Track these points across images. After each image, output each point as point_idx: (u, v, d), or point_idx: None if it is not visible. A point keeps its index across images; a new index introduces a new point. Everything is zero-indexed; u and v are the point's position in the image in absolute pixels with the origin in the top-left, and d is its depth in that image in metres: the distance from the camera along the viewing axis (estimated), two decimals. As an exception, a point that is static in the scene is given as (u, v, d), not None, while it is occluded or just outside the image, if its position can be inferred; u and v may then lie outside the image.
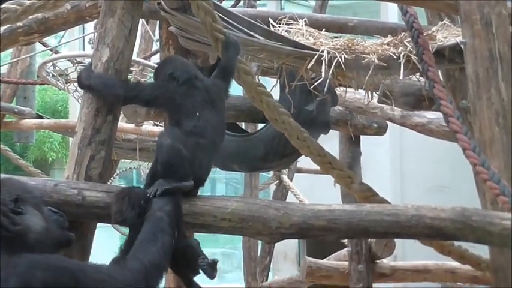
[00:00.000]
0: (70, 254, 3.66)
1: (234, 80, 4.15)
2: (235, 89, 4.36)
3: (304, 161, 9.40)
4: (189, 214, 3.88)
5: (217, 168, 6.77)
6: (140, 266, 3.36)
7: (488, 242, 3.91)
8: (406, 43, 4.76)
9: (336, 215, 3.94)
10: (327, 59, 4.69)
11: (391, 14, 11.05)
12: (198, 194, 4.03)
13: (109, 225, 8.21)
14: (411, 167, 13.06)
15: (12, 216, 3.25)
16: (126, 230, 3.85)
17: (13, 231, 3.23)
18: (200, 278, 4.11)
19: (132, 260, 3.39)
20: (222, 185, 18.06)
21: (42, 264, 3.13)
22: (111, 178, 8.88)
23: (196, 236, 4.60)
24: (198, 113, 3.89)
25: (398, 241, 7.38)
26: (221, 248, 16.89)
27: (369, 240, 7.27)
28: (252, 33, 4.70)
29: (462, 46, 4.29)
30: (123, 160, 9.22)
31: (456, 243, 5.18)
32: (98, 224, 4.18)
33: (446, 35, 4.85)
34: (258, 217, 3.91)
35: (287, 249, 13.20)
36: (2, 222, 3.22)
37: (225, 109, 4.14)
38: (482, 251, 4.80)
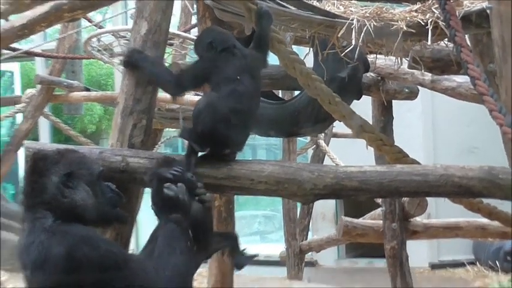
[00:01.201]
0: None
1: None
2: (271, 58, 4.34)
3: (340, 126, 9.42)
4: (227, 178, 3.90)
5: (256, 135, 6.79)
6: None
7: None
8: (434, 9, 4.71)
9: (367, 176, 3.95)
10: (357, 27, 4.66)
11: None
12: (237, 158, 4.03)
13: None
14: (442, 129, 13.01)
15: (62, 189, 3.29)
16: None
17: (61, 203, 3.27)
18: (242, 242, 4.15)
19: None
20: (262, 151, 18.06)
21: (90, 240, 3.19)
22: (156, 146, 8.92)
23: (241, 199, 4.62)
24: (235, 79, 3.88)
25: (430, 200, 7.37)
26: (263, 211, 16.91)
27: (402, 199, 7.27)
28: (283, 3, 4.68)
29: (488, 11, 4.26)
30: (167, 129, 9.25)
31: (485, 200, 5.17)
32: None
33: (473, 0, 4.80)
34: (293, 179, 3.91)
35: (325, 210, 13.24)
36: (53, 193, 3.27)
37: (260, 77, 4.12)
38: (510, 208, 4.79)
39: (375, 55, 5.57)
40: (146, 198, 4.12)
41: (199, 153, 3.92)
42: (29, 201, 3.32)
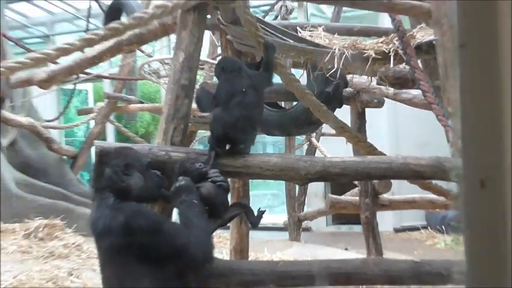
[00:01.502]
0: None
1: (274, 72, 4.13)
2: (275, 79, 4.32)
3: (327, 128, 9.39)
4: (242, 166, 3.89)
5: (265, 135, 6.78)
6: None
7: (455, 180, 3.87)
8: (395, 41, 4.69)
9: (347, 164, 3.93)
10: (338, 55, 4.65)
11: (386, 20, 10.86)
12: (250, 152, 4.02)
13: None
14: (402, 130, 13.00)
15: (121, 176, 3.32)
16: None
17: (121, 186, 3.30)
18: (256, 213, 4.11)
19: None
20: (270, 146, 18.06)
21: (141, 213, 3.24)
22: (192, 144, 8.91)
23: (254, 182, 4.60)
24: (241, 92, 3.86)
25: (394, 182, 7.34)
26: (270, 190, 16.93)
27: (373, 181, 7.24)
28: (285, 38, 4.67)
29: (434, 42, 4.24)
30: (200, 131, 9.25)
31: (434, 182, 5.14)
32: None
33: (423, 34, 4.78)
34: (292, 167, 3.90)
35: (317, 190, 13.22)
36: (113, 179, 3.29)
37: (263, 92, 4.08)
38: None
39: (352, 75, 5.57)
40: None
41: (223, 148, 3.91)
42: (97, 185, 3.36)
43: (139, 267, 3.17)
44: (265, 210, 4.03)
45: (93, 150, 10.65)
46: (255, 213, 4.05)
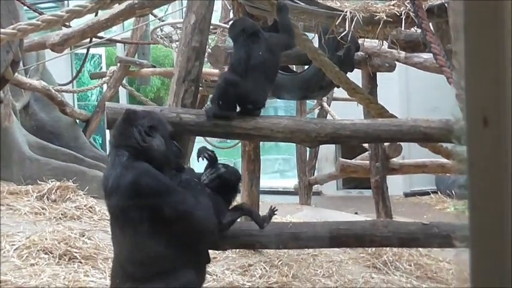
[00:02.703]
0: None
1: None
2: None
3: (338, 92, 9.35)
4: (253, 128, 3.89)
5: (277, 99, 6.76)
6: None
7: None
8: (406, 4, 4.65)
9: (357, 126, 3.92)
10: (349, 18, 4.62)
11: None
12: (261, 114, 4.01)
13: (202, 140, 8.23)
14: (413, 94, 12.93)
15: (144, 136, 3.30)
16: (217, 143, 3.84)
17: (141, 146, 3.29)
18: (266, 178, 4.10)
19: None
20: (281, 111, 18.01)
21: (151, 174, 3.22)
22: (203, 107, 8.89)
23: (266, 146, 4.59)
24: (259, 55, 3.84)
25: (404, 145, 7.33)
26: (282, 155, 16.90)
27: (383, 145, 7.22)
28: (296, 0, 4.64)
29: (446, 5, 4.19)
30: (211, 95, 9.21)
31: (444, 145, 5.12)
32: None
33: (435, -3, 4.73)
34: (302, 129, 3.90)
35: (327, 153, 13.18)
36: (136, 138, 3.28)
37: (278, 53, 4.05)
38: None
39: (363, 38, 5.52)
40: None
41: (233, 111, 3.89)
42: (116, 142, 3.34)
43: (145, 228, 3.17)
44: (277, 209, 3.95)
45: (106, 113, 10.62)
46: (266, 212, 4.00)
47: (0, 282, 3.93)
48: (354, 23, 4.61)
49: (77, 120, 10.63)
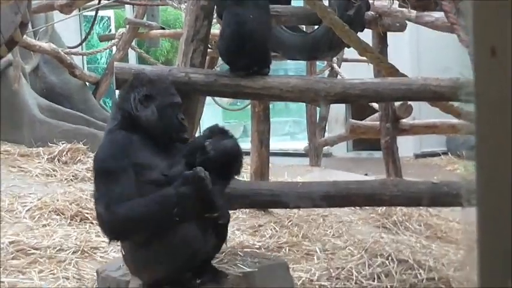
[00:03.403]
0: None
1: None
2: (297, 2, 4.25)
3: (349, 53, 9.28)
4: (262, 88, 3.87)
5: (287, 60, 6.70)
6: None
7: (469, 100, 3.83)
8: (417, -39, 4.58)
9: (367, 85, 3.90)
10: (359, -25, 4.56)
11: None
12: (269, 73, 3.99)
13: (212, 102, 8.18)
14: (424, 54, 12.81)
15: (137, 104, 3.20)
16: (227, 106, 3.79)
17: (132, 114, 3.20)
18: (276, 140, 4.09)
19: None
20: (291, 72, 17.90)
21: (110, 148, 3.12)
22: (213, 70, 8.86)
23: (275, 108, 4.58)
24: (251, 15, 3.82)
25: (414, 106, 7.28)
26: (292, 117, 16.85)
27: (394, 105, 7.19)
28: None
29: (457, -39, 4.12)
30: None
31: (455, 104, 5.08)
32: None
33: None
34: (312, 89, 3.88)
35: (337, 115, 13.14)
36: (130, 105, 3.21)
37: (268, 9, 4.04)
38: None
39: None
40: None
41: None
42: (117, 104, 3.30)
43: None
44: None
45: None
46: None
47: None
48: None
49: (87, 83, 10.63)
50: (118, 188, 2.98)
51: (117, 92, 3.84)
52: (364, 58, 4.57)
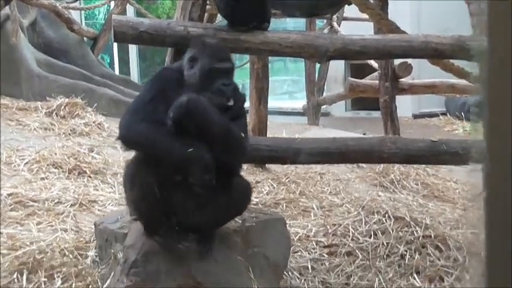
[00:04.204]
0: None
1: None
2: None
3: (349, 12, 9.22)
4: (262, 43, 3.84)
5: (286, 18, 6.65)
6: None
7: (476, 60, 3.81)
8: None
9: (367, 42, 3.87)
10: None
11: None
12: (269, 29, 3.96)
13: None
14: (425, 13, 12.75)
15: (188, 64, 3.26)
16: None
17: (183, 71, 3.28)
18: (274, 99, 4.08)
19: None
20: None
21: (149, 91, 3.23)
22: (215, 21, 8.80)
23: (274, 67, 4.55)
24: None
25: (414, 65, 7.26)
26: (290, 76, 16.79)
27: (393, 64, 7.16)
28: None
29: None
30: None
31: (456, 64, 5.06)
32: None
33: None
34: (311, 45, 3.85)
35: (336, 74, 13.12)
36: (182, 63, 3.30)
37: None
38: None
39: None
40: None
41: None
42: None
43: None
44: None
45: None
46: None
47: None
48: None
49: (85, 38, 10.56)
50: (145, 109, 3.12)
51: (115, 45, 3.84)
52: (364, 17, 4.54)
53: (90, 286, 3.39)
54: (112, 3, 11.13)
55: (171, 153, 3.03)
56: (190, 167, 3.02)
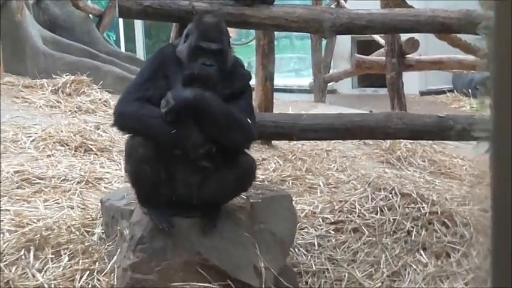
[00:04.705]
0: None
1: None
2: None
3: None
4: (267, 17, 3.82)
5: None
6: None
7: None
8: None
9: (373, 16, 3.85)
10: None
11: None
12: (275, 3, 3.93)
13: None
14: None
15: (182, 37, 3.31)
16: (232, 41, 3.66)
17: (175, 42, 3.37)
18: (281, 77, 4.05)
19: None
20: (297, 8, 17.72)
21: (151, 57, 3.43)
22: None
23: (280, 44, 4.52)
24: None
25: (421, 41, 7.21)
26: (297, 54, 16.72)
27: (400, 40, 7.12)
28: None
29: None
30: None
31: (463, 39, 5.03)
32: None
33: None
34: (317, 19, 3.82)
35: (343, 51, 13.05)
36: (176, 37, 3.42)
37: None
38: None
39: None
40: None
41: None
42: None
43: None
44: None
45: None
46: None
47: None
48: None
49: (90, 15, 10.52)
50: (140, 89, 3.16)
51: (120, 22, 3.83)
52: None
53: (97, 263, 3.40)
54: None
55: (161, 135, 3.06)
56: (181, 146, 3.06)
